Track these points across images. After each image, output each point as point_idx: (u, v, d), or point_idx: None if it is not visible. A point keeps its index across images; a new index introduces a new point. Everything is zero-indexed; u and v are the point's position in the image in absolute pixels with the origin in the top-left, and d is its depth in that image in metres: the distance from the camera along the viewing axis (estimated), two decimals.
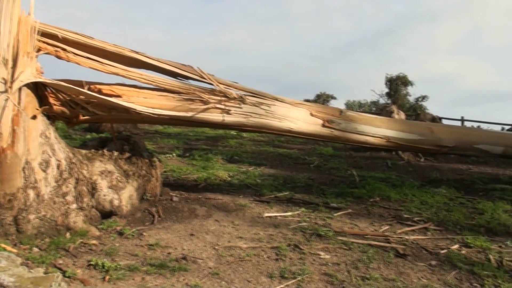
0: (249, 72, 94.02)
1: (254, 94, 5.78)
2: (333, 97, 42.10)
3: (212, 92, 5.52)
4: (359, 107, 42.02)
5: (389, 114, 12.46)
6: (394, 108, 13.09)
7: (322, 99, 41.35)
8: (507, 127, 17.20)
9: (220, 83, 5.59)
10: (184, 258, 3.93)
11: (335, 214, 5.68)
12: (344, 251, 4.35)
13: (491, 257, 4.41)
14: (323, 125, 5.99)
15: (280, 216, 5.50)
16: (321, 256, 4.16)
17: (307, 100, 38.98)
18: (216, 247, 4.28)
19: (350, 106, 42.81)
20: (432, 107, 47.59)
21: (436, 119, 14.04)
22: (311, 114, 5.94)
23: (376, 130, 6.39)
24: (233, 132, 14.73)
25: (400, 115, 12.75)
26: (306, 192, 6.83)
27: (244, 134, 14.27)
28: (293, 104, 5.90)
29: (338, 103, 52.52)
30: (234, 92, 5.58)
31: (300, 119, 5.86)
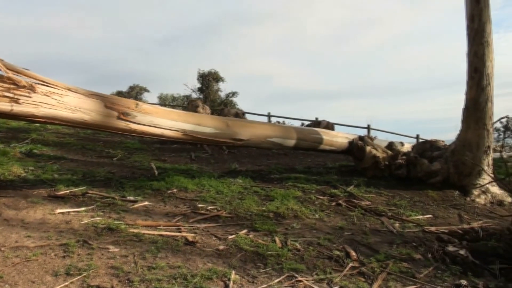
0: (67, 59, 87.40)
1: (46, 83, 5.42)
2: (146, 90, 41.78)
3: (0, 79, 5.04)
4: (172, 100, 42.44)
5: (194, 108, 12.88)
6: (199, 102, 13.59)
7: (135, 91, 40.71)
8: (307, 123, 18.90)
9: (9, 69, 5.11)
10: None
11: (131, 207, 5.70)
12: (134, 243, 4.41)
13: (276, 238, 4.94)
14: (119, 118, 5.90)
15: (73, 211, 5.30)
16: (110, 250, 4.16)
17: (120, 92, 38.01)
18: (2, 249, 4.02)
19: (163, 99, 42.97)
20: (245, 104, 50.70)
21: (239, 114, 14.85)
22: (106, 106, 5.80)
23: (173, 123, 6.51)
24: (37, 124, 13.56)
25: (206, 110, 13.25)
26: (104, 186, 6.68)
27: (49, 127, 13.25)
28: (87, 95, 5.68)
29: (152, 96, 52.30)
30: (24, 80, 5.16)
31: (94, 111, 5.67)
